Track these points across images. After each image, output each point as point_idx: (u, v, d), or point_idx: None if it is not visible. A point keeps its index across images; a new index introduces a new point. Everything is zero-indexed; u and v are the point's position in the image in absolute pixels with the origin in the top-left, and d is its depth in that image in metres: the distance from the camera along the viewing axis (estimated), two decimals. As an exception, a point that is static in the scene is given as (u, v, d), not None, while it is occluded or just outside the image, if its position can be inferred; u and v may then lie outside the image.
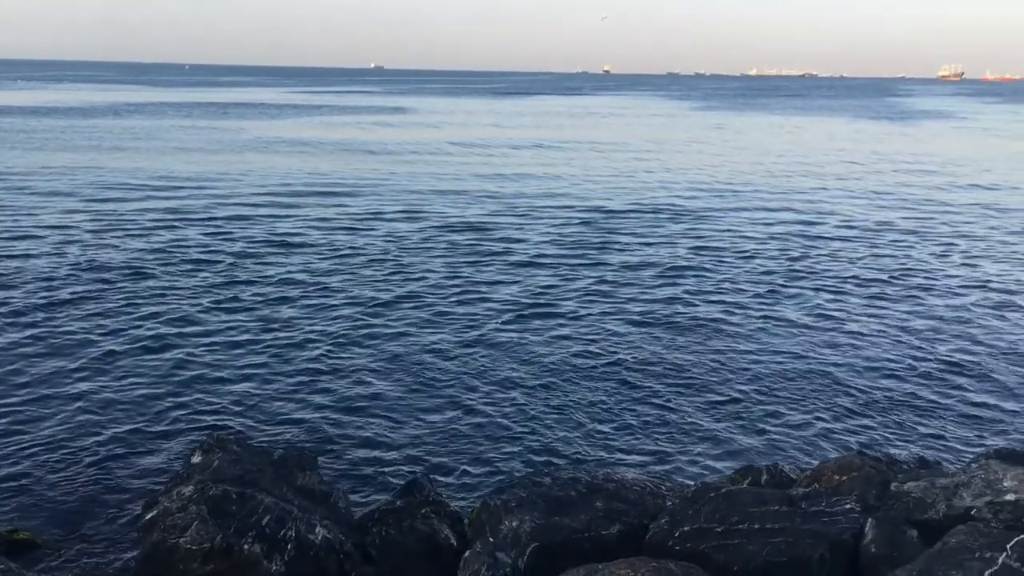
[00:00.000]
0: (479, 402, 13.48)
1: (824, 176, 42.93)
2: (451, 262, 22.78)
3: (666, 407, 13.40)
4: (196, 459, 8.67)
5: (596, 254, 24.26)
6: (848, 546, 7.62)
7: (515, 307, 18.68)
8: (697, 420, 12.95)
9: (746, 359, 15.61)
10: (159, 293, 18.92)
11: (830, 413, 13.31)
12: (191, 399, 13.33)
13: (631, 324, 17.65)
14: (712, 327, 17.49)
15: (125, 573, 8.37)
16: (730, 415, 13.17)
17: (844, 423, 12.98)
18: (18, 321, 16.65)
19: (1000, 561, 6.75)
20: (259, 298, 18.83)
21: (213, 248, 23.58)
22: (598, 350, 16.00)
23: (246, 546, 7.35)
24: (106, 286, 19.29)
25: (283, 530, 7.61)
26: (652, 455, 11.82)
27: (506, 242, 25.57)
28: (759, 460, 11.19)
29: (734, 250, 24.95)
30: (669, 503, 8.46)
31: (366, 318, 17.63)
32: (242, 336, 16.31)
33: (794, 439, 12.41)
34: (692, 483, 9.86)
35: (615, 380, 14.51)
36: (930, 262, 23.89)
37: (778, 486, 9.12)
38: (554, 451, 11.86)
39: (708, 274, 22.03)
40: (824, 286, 20.99)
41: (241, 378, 14.24)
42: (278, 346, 15.82)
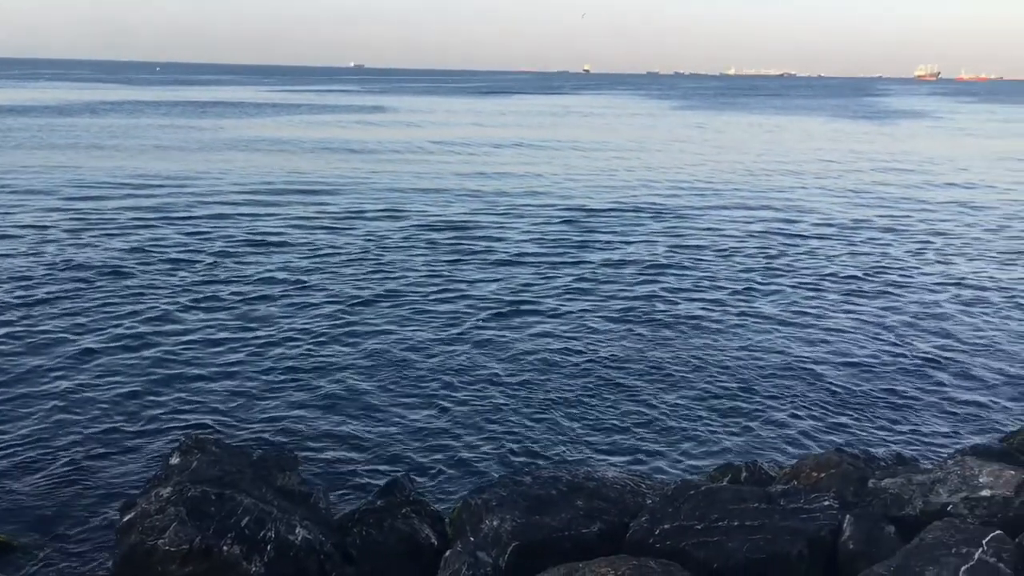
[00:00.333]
0: (460, 400, 13.46)
1: (803, 175, 43.19)
2: (432, 260, 22.74)
3: (646, 404, 13.43)
4: (174, 460, 8.59)
5: (577, 252, 24.30)
6: (826, 543, 7.67)
7: (496, 305, 18.67)
8: (677, 418, 13.00)
9: (725, 356, 15.69)
10: (137, 292, 18.75)
11: (809, 410, 13.40)
12: (170, 398, 13.23)
13: (611, 321, 17.69)
14: (692, 324, 17.56)
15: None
16: (710, 412, 13.22)
17: (822, 420, 13.07)
18: (-7, 321, 16.48)
19: (976, 557, 6.82)
20: (238, 297, 18.72)
21: (192, 247, 23.41)
22: (579, 347, 16.03)
23: (225, 547, 7.30)
24: (84, 285, 19.10)
25: (263, 531, 7.56)
26: (632, 453, 11.85)
27: (487, 240, 25.55)
28: (739, 458, 11.23)
29: (714, 248, 25.07)
30: (649, 501, 8.48)
31: (346, 317, 17.57)
32: (221, 335, 16.21)
33: (773, 436, 12.48)
34: (672, 481, 9.90)
35: (595, 377, 14.54)
36: (907, 259, 24.10)
37: (757, 483, 9.17)
38: (535, 449, 11.87)
39: (688, 272, 22.12)
40: (802, 283, 21.13)
41: (220, 377, 14.15)
42: (257, 345, 15.74)
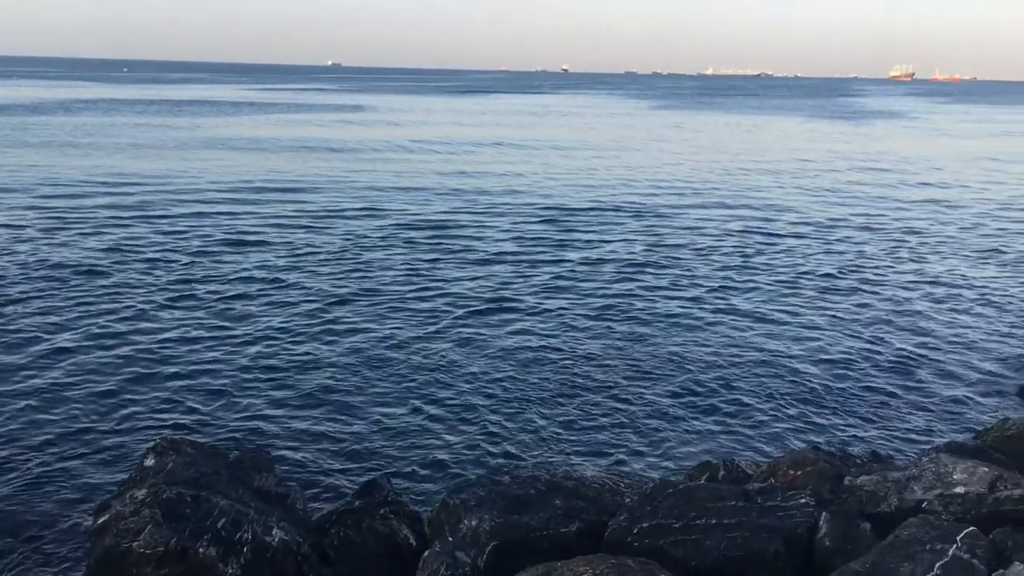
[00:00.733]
0: (438, 399, 13.43)
1: (780, 174, 43.47)
2: (411, 259, 22.67)
3: (624, 403, 13.46)
4: (149, 462, 8.51)
5: (556, 251, 24.32)
6: (803, 540, 7.72)
7: (475, 303, 18.64)
8: (655, 416, 13.03)
9: (703, 354, 15.75)
10: (113, 291, 18.56)
11: (785, 408, 13.47)
12: (145, 397, 13.10)
13: (590, 319, 17.71)
14: (670, 322, 17.62)
15: (76, 578, 8.22)
16: (688, 411, 13.27)
17: (799, 417, 13.15)
18: (-35, 322, 16.25)
19: (951, 553, 6.89)
20: (215, 295, 18.57)
21: (168, 246, 23.20)
22: (557, 345, 16.04)
23: (201, 549, 7.23)
24: (58, 284, 18.89)
25: (239, 533, 7.50)
26: (611, 452, 11.87)
27: (466, 239, 25.51)
28: (716, 456, 11.29)
29: (692, 247, 25.17)
30: (628, 500, 8.50)
31: (324, 315, 17.48)
32: (198, 334, 16.07)
33: (751, 434, 12.55)
34: (650, 480, 9.93)
35: (574, 375, 14.55)
36: (882, 258, 24.32)
37: (735, 482, 9.21)
38: (513, 449, 11.85)
39: (666, 270, 22.19)
40: (779, 281, 21.27)
41: (197, 376, 14.03)
42: (234, 344, 15.62)
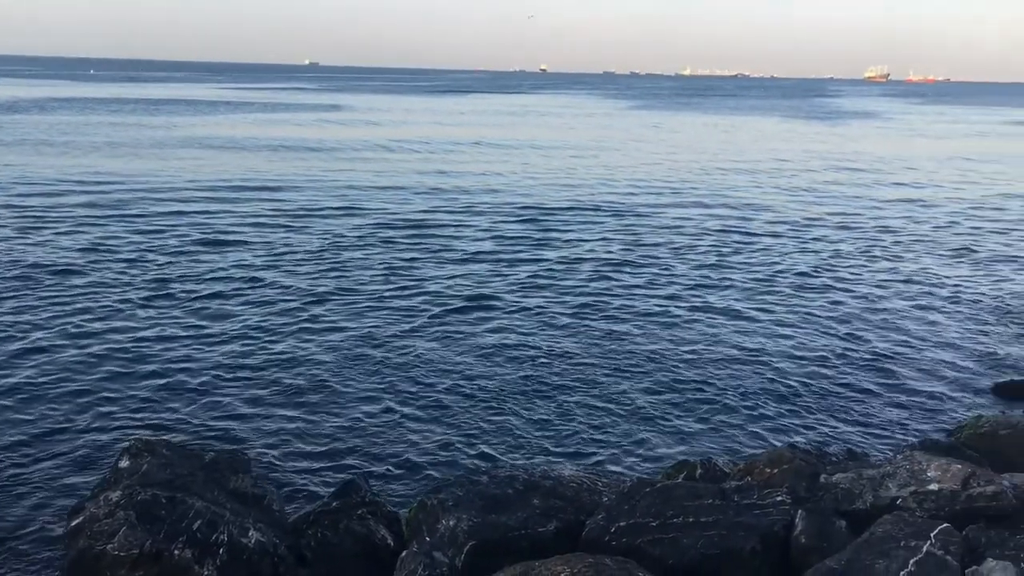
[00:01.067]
0: (416, 398, 13.39)
1: (757, 174, 43.74)
2: (389, 258, 22.60)
3: (602, 401, 13.48)
4: (124, 463, 8.43)
5: (534, 249, 24.34)
6: (779, 537, 7.77)
7: (453, 301, 18.62)
8: (633, 415, 13.06)
9: (680, 352, 15.81)
10: (88, 290, 18.36)
11: (762, 406, 13.54)
12: (120, 396, 12.97)
13: (568, 318, 17.73)
14: (647, 320, 17.67)
15: (50, 582, 8.13)
16: (665, 409, 13.31)
17: (775, 415, 13.22)
18: (-64, 322, 16.02)
19: (925, 549, 6.95)
20: (192, 295, 18.42)
21: (145, 245, 22.99)
22: (535, 343, 16.04)
23: (176, 551, 7.18)
24: (33, 282, 18.68)
25: (215, 534, 7.45)
26: (589, 451, 11.88)
27: (445, 238, 25.48)
28: (694, 455, 11.33)
29: (669, 245, 25.27)
30: (605, 499, 8.52)
31: (301, 314, 17.38)
32: (173, 333, 15.94)
33: (727, 432, 12.60)
34: (628, 479, 9.96)
35: (552, 374, 14.56)
36: (857, 256, 24.53)
37: (712, 480, 9.26)
38: (491, 448, 11.84)
39: (644, 269, 22.26)
40: (756, 279, 21.39)
41: (172, 375, 13.90)
42: (210, 343, 15.50)
